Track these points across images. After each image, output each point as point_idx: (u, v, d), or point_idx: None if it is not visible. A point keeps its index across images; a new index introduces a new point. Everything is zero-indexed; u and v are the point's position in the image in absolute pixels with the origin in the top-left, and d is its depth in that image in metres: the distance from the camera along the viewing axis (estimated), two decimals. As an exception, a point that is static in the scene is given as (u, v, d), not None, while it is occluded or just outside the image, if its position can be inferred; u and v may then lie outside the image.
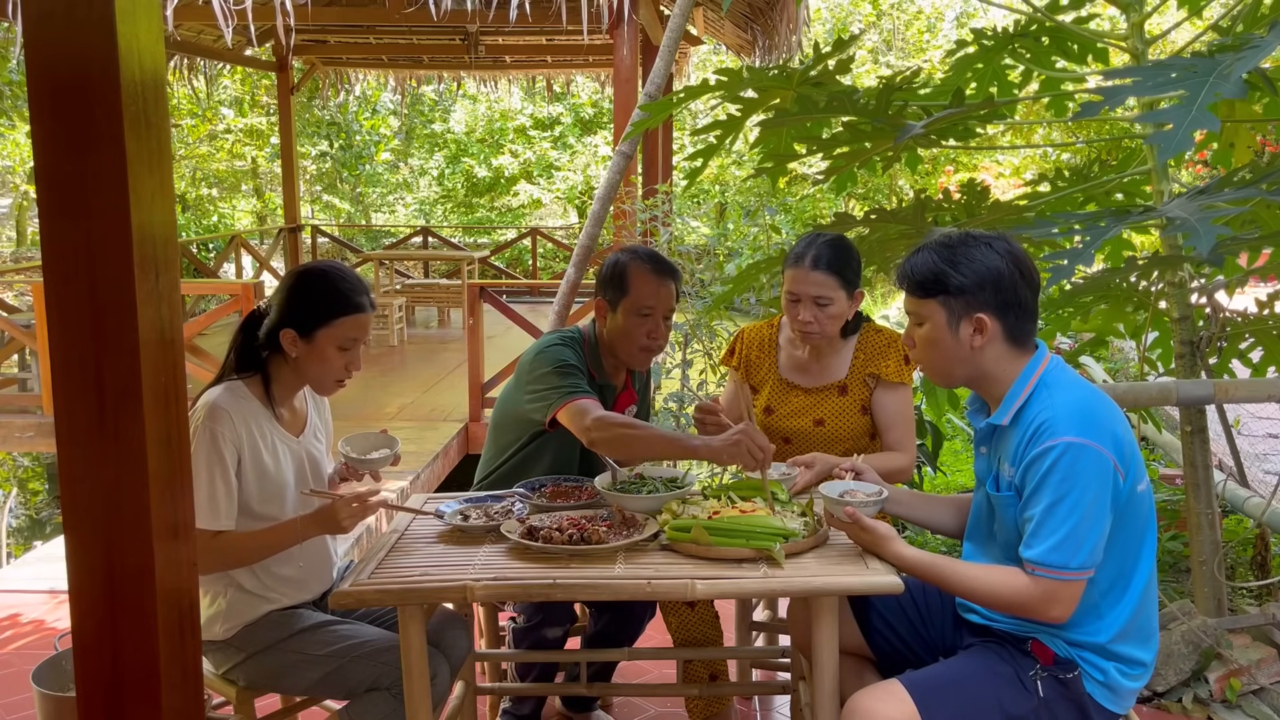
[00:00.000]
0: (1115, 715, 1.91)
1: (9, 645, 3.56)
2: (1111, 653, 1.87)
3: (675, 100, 3.19)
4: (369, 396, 7.16)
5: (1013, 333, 1.88)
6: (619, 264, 2.59)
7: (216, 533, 2.09)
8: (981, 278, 1.85)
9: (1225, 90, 1.98)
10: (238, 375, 2.22)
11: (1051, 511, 1.76)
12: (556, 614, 2.62)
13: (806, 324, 2.53)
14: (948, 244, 1.90)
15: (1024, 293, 1.88)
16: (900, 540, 1.94)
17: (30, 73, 1.46)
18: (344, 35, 10.80)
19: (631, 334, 2.55)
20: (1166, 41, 4.33)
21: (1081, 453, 1.75)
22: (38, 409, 6.51)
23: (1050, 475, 1.76)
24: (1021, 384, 1.88)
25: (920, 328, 1.93)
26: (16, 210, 17.63)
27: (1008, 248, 1.88)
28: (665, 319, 2.58)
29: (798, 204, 15.85)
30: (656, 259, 2.60)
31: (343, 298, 2.18)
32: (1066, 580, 1.76)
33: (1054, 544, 1.75)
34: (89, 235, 1.48)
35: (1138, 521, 1.86)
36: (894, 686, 1.86)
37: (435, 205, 20.05)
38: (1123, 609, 1.87)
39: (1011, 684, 1.88)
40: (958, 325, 1.88)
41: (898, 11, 18.63)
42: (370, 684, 2.11)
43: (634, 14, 6.72)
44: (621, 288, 2.57)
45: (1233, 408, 3.93)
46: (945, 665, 1.97)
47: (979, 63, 3.19)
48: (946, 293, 1.87)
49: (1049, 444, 1.77)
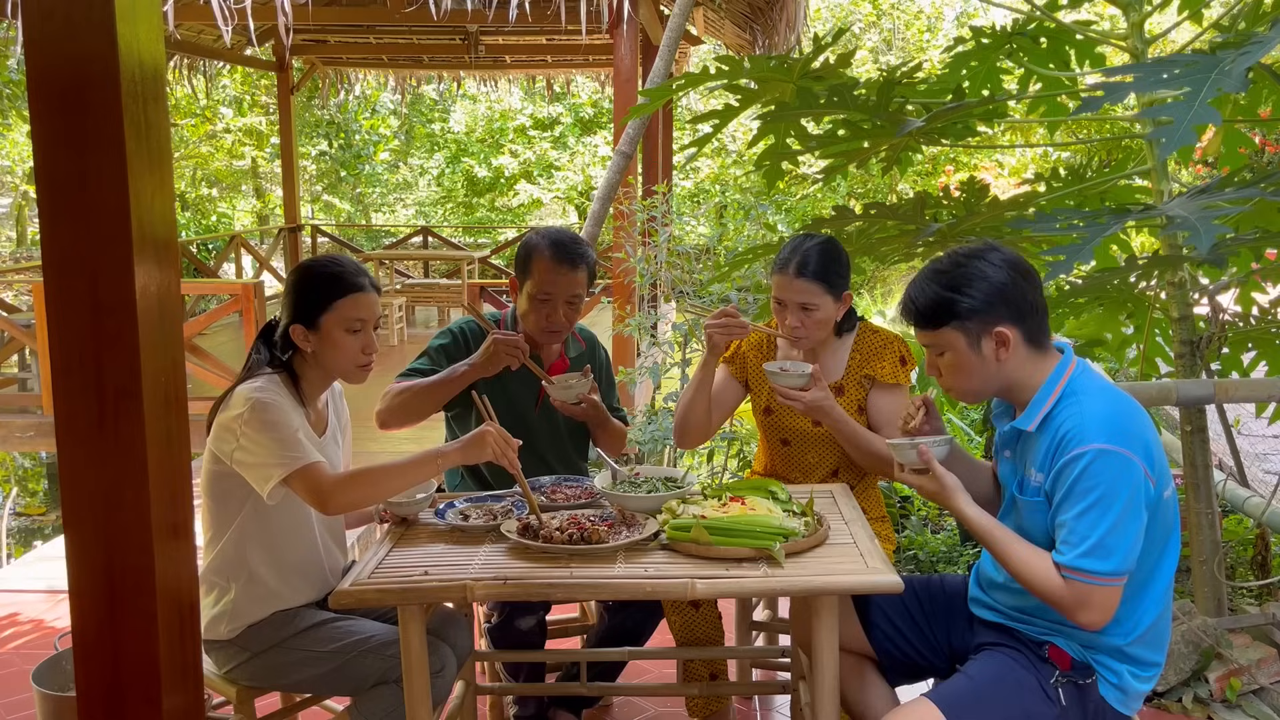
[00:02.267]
0: (1124, 717, 1.92)
1: (9, 645, 3.56)
2: (1128, 655, 1.88)
3: (676, 87, 3.18)
4: (370, 396, 7.16)
5: (1031, 336, 1.89)
6: (527, 244, 2.64)
7: (346, 470, 2.13)
8: (990, 294, 1.85)
9: (1227, 85, 1.98)
10: (269, 370, 2.22)
11: (1082, 517, 1.75)
12: (526, 603, 2.61)
13: (794, 329, 2.54)
14: (944, 270, 1.89)
15: (1032, 294, 1.88)
16: (966, 494, 1.92)
17: (30, 73, 1.47)
18: (344, 35, 10.79)
19: (532, 316, 2.62)
20: (1166, 41, 4.33)
21: (1112, 459, 1.75)
22: (38, 409, 6.51)
23: (1080, 481, 1.76)
24: (1048, 390, 1.88)
25: (942, 357, 1.92)
26: (16, 210, 17.63)
27: (1001, 256, 1.88)
28: (568, 303, 2.61)
29: (797, 204, 15.86)
30: (562, 245, 2.60)
31: (339, 280, 2.20)
32: (1099, 585, 1.75)
33: (1086, 549, 1.74)
34: (89, 235, 1.48)
35: (1164, 528, 1.86)
36: (923, 705, 1.85)
37: (435, 205, 20.05)
38: (1144, 614, 1.87)
39: (1035, 694, 1.88)
40: (979, 344, 1.87)
41: (898, 11, 18.63)
42: (377, 678, 2.12)
43: (634, 14, 6.72)
44: (525, 270, 2.63)
45: (1233, 407, 3.93)
46: (969, 678, 1.95)
47: (975, 61, 3.19)
48: (959, 318, 1.87)
49: (1078, 451, 1.76)
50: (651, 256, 5.54)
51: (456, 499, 2.40)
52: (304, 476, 2.03)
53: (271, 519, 2.17)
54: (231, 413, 2.10)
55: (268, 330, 2.29)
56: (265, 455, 2.04)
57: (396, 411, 2.62)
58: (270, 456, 2.04)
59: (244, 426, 2.06)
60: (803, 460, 2.67)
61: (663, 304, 6.31)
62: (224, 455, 2.12)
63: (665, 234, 5.52)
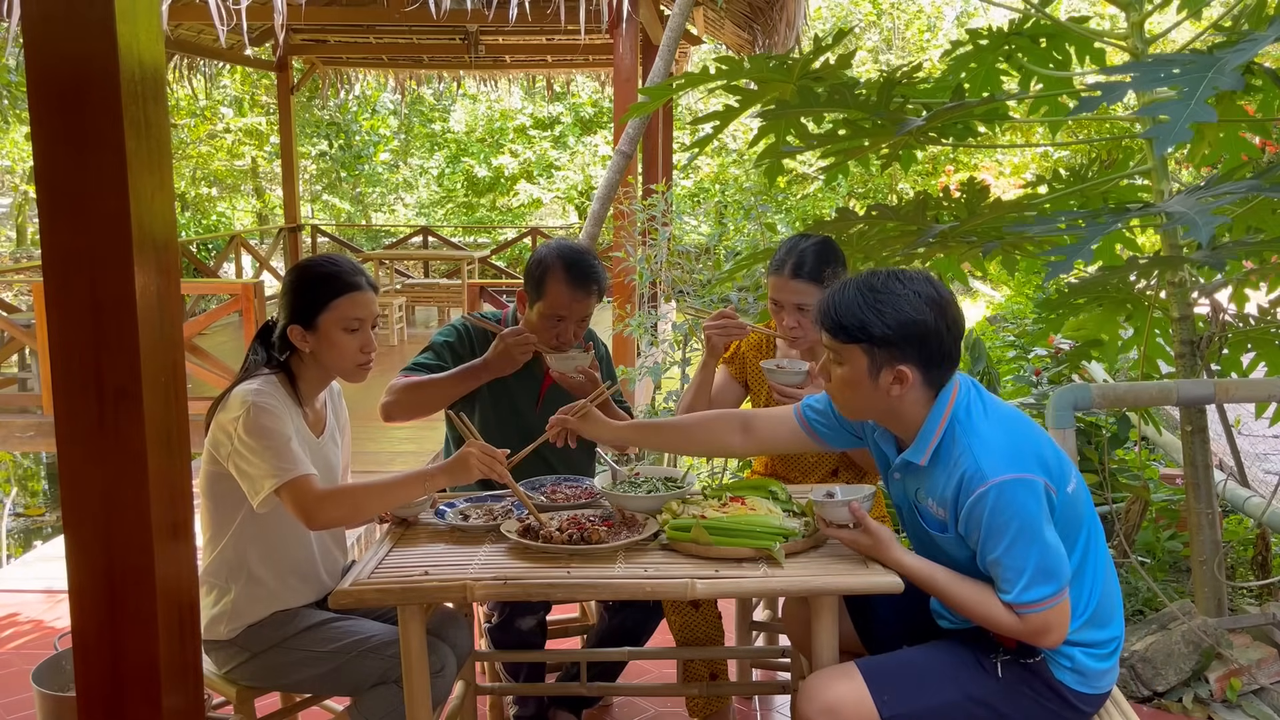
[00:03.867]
0: (1096, 695, 1.93)
1: (9, 645, 3.56)
2: (1075, 641, 1.89)
3: (675, 86, 3.18)
4: (370, 396, 7.15)
5: (931, 380, 1.88)
6: (542, 264, 2.62)
7: (333, 486, 2.12)
8: (906, 330, 1.82)
9: (1222, 83, 1.99)
10: (267, 371, 2.22)
11: (1010, 551, 1.77)
12: (526, 603, 2.61)
13: (791, 329, 2.54)
14: (873, 286, 1.86)
15: (947, 343, 1.86)
16: (901, 545, 1.94)
17: (30, 73, 1.46)
18: (344, 35, 10.79)
19: (541, 332, 2.62)
20: (1166, 41, 4.32)
21: (1016, 487, 1.77)
22: (38, 409, 6.51)
23: (994, 518, 1.77)
24: (934, 421, 1.87)
25: (839, 367, 1.91)
26: (16, 210, 17.63)
27: (933, 294, 1.86)
28: (579, 323, 2.62)
29: (797, 203, 15.86)
30: (577, 269, 2.59)
31: (336, 280, 2.20)
32: (1051, 609, 1.78)
33: (1026, 582, 1.77)
34: (89, 235, 1.48)
35: (1074, 517, 1.87)
36: (848, 668, 1.90)
37: (435, 205, 20.05)
38: (1083, 602, 1.88)
39: (970, 667, 1.91)
40: (878, 374, 1.86)
41: (898, 11, 18.62)
42: (377, 678, 2.12)
43: (634, 13, 6.72)
44: (539, 289, 2.61)
45: (1232, 407, 3.92)
46: (904, 650, 2.00)
47: (974, 62, 3.19)
48: (871, 341, 1.85)
49: (981, 489, 1.78)
50: (651, 256, 5.54)
51: (457, 499, 2.40)
52: (293, 490, 2.04)
53: (270, 520, 2.17)
54: (228, 415, 2.10)
55: (265, 331, 2.28)
56: (258, 465, 2.05)
57: (405, 405, 2.63)
58: (262, 466, 2.04)
59: (239, 431, 2.06)
60: (802, 460, 2.67)
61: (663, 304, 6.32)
62: (220, 458, 2.12)
63: (665, 234, 5.52)
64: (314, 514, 2.05)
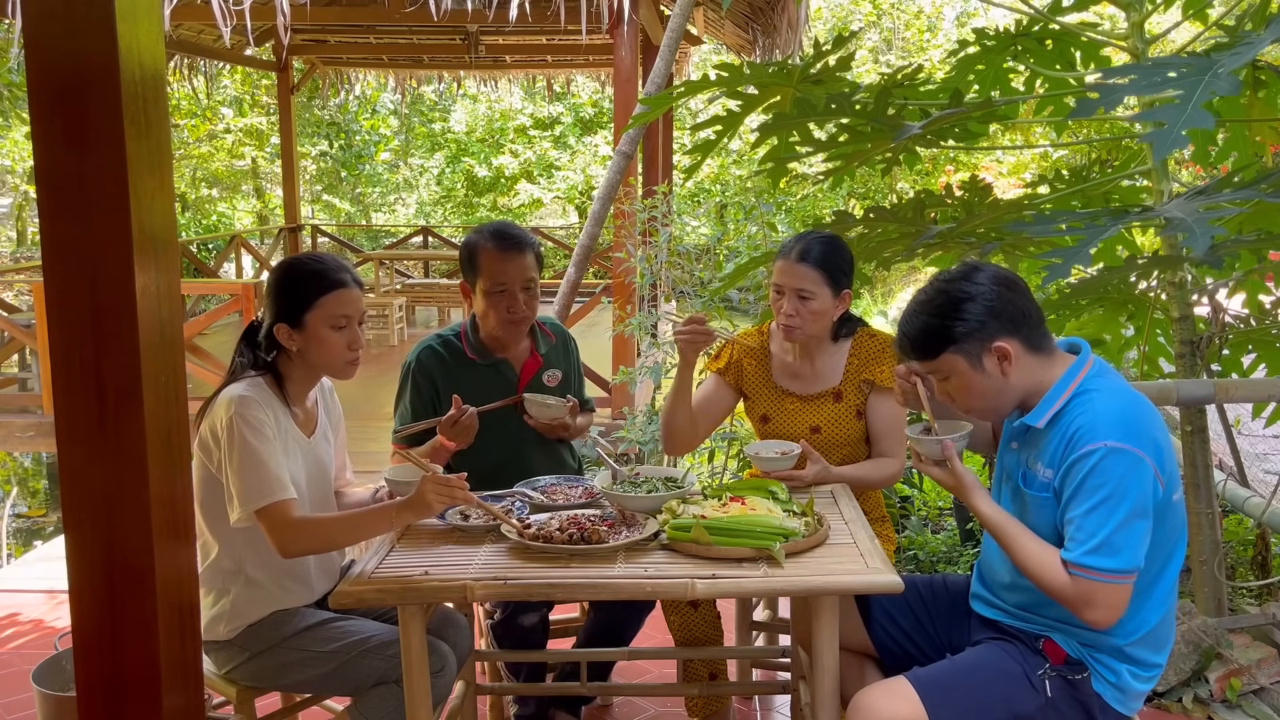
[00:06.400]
0: (1123, 716, 1.91)
1: (9, 645, 3.56)
2: (1128, 655, 1.87)
3: (675, 94, 3.18)
4: (369, 396, 7.15)
5: (1032, 343, 1.89)
6: (468, 245, 2.64)
7: (306, 516, 2.11)
8: (979, 312, 1.86)
9: (1219, 88, 1.99)
10: (254, 372, 2.22)
11: (1090, 514, 1.76)
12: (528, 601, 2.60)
13: (789, 316, 2.51)
14: (929, 299, 1.91)
15: (1021, 303, 1.88)
16: (983, 491, 1.93)
17: (30, 73, 1.46)
18: (344, 35, 10.79)
19: (492, 312, 2.61)
20: (1166, 41, 4.33)
21: (1122, 457, 1.75)
22: (38, 409, 6.51)
23: (1090, 478, 1.76)
24: (1061, 388, 1.88)
25: (949, 382, 1.93)
26: (16, 210, 17.63)
27: (984, 273, 1.89)
28: (524, 289, 2.60)
29: (797, 204, 15.85)
30: (503, 235, 2.60)
31: (320, 277, 2.20)
32: (1104, 583, 1.74)
33: (1092, 546, 1.74)
34: (89, 235, 1.48)
35: (1171, 531, 1.86)
36: (900, 684, 1.86)
37: (435, 205, 20.04)
38: (1147, 615, 1.86)
39: (1019, 682, 1.88)
40: (981, 363, 1.88)
41: (898, 11, 18.62)
42: (377, 678, 2.12)
43: (634, 14, 6.72)
44: (474, 269, 2.62)
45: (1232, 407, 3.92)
46: (952, 663, 1.96)
47: (980, 64, 3.19)
48: (954, 341, 1.87)
49: (1089, 448, 1.77)
50: (652, 256, 5.53)
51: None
52: (268, 517, 2.04)
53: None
54: (216, 419, 2.10)
55: (250, 331, 2.27)
56: (236, 485, 2.05)
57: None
58: (240, 488, 2.05)
59: (225, 442, 2.07)
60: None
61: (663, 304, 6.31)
62: (210, 464, 2.13)
63: (666, 234, 5.52)
64: (286, 544, 2.06)
